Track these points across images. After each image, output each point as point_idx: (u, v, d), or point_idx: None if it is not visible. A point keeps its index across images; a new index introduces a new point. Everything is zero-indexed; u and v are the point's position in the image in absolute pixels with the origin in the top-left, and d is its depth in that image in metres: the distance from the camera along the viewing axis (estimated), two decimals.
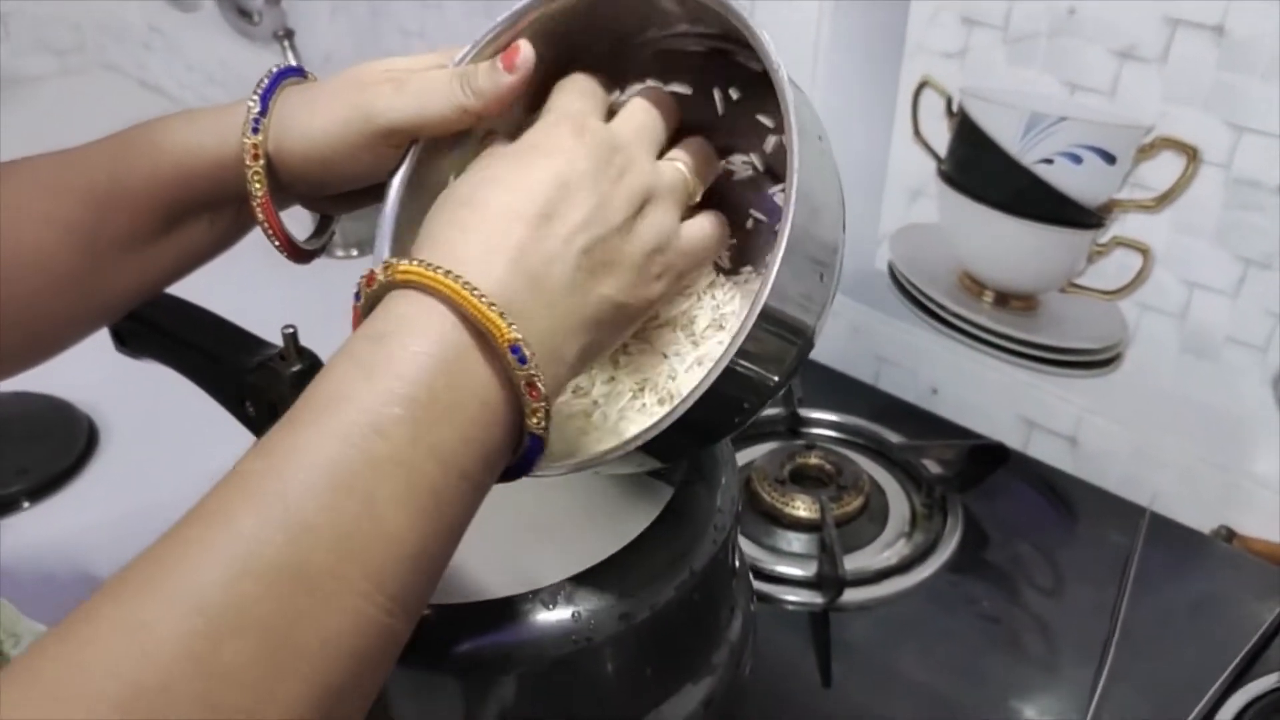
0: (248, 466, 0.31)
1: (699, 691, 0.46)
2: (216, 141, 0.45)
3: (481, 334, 0.33)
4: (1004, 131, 0.73)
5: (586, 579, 0.41)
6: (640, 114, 0.42)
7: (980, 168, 0.76)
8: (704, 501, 0.45)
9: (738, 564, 0.49)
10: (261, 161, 0.44)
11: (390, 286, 0.34)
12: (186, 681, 0.26)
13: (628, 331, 0.39)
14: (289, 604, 0.28)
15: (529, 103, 0.45)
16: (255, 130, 0.44)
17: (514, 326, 0.33)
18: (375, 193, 0.46)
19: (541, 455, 0.36)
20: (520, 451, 0.35)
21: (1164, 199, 0.68)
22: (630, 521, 0.44)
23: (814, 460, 0.73)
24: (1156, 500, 0.74)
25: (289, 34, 1.14)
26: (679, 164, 0.41)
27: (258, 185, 0.44)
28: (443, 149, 0.46)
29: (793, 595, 0.66)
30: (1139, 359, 0.73)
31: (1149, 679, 0.61)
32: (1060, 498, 0.77)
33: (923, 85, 0.77)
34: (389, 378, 0.32)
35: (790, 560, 0.68)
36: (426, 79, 0.43)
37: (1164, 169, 0.67)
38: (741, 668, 0.49)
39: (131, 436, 0.86)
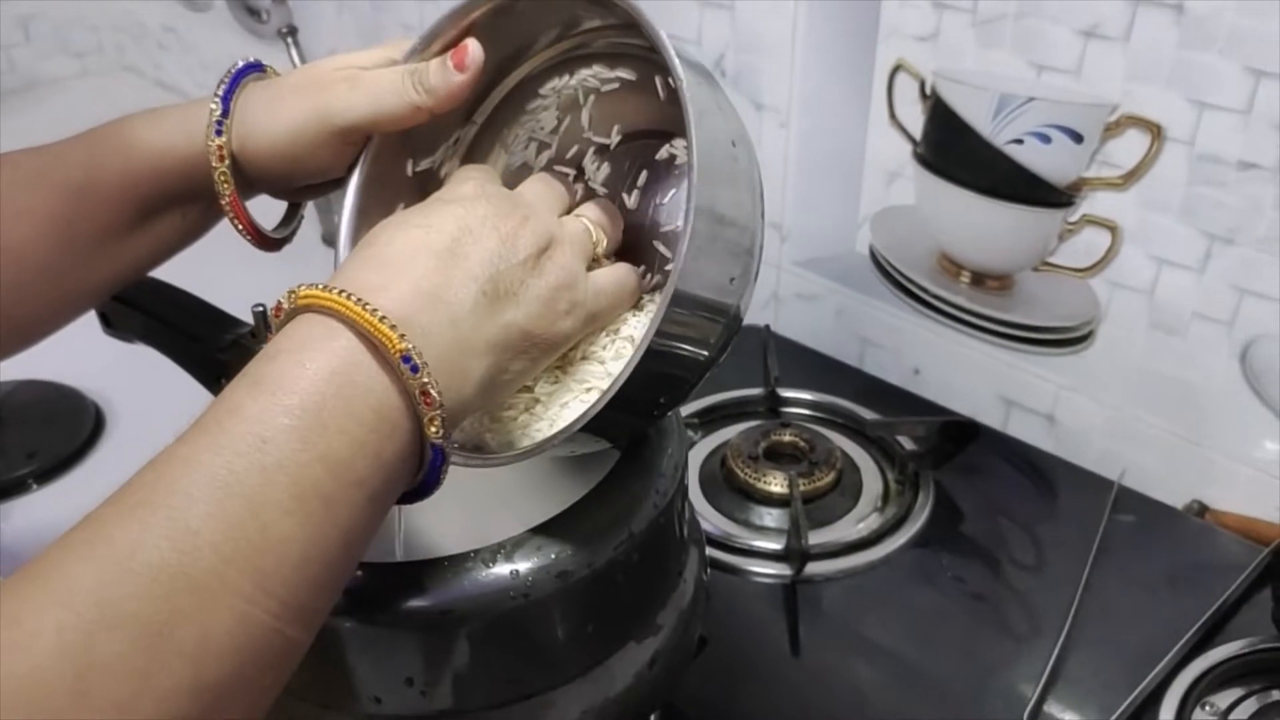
0: (139, 478, 0.32)
1: (644, 651, 0.47)
2: (185, 141, 0.47)
3: (375, 346, 0.34)
4: (975, 113, 0.74)
5: (525, 539, 0.42)
6: (538, 183, 0.45)
7: (953, 149, 0.77)
8: (645, 467, 0.47)
9: (686, 532, 0.51)
10: (227, 162, 0.47)
11: (294, 312, 0.36)
12: (58, 672, 0.27)
13: (542, 361, 0.41)
14: (168, 603, 0.29)
15: (479, 94, 0.47)
16: (219, 133, 0.47)
17: (405, 338, 0.34)
18: (339, 182, 0.49)
19: (445, 467, 0.37)
20: (424, 464, 0.37)
21: (1130, 176, 0.69)
22: (581, 487, 0.46)
23: (788, 438, 0.75)
24: (1129, 475, 0.75)
25: (293, 31, 1.16)
26: (583, 219, 0.44)
27: (225, 186, 0.47)
28: (400, 143, 0.48)
29: (763, 568, 0.68)
30: (1111, 336, 0.74)
31: (1111, 645, 0.62)
32: (1038, 474, 0.77)
33: (897, 69, 0.78)
34: (280, 392, 0.33)
35: (762, 534, 0.70)
36: (379, 78, 0.46)
37: (1130, 147, 0.68)
38: (690, 630, 0.51)
39: (137, 422, 0.89)
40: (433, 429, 0.35)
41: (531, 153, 0.51)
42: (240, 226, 0.49)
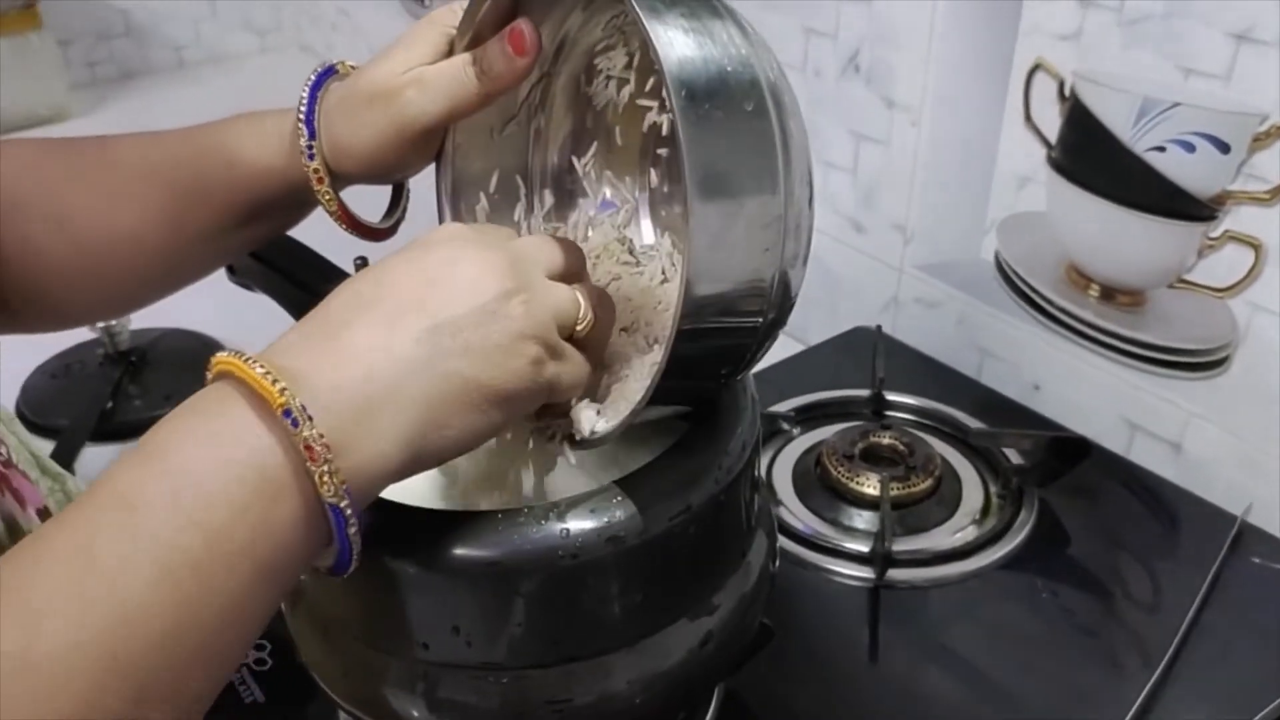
0: (9, 553, 0.30)
1: (697, 629, 0.47)
2: (284, 162, 0.50)
3: (264, 405, 0.33)
4: (1116, 117, 0.71)
5: (579, 500, 0.42)
6: (542, 241, 0.43)
7: (1090, 155, 0.73)
8: (711, 443, 0.46)
9: (754, 519, 0.50)
10: (326, 182, 0.49)
11: (211, 380, 0.35)
12: None
13: (501, 416, 0.38)
14: (8, 691, 0.27)
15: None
16: (311, 157, 0.49)
17: (286, 391, 0.32)
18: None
19: (355, 533, 0.35)
20: (333, 540, 0.34)
21: (1279, 191, 0.64)
22: (646, 457, 0.46)
23: (887, 440, 0.73)
24: (1254, 511, 0.70)
25: None
26: (576, 290, 0.41)
27: (331, 203, 0.50)
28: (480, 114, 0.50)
29: (846, 569, 0.66)
30: (1248, 362, 0.69)
31: (1211, 690, 0.58)
32: (1158, 503, 0.73)
33: (1036, 68, 0.75)
34: (157, 456, 0.32)
35: (851, 536, 0.68)
36: (445, 75, 0.47)
37: None
38: (750, 617, 0.50)
39: None
40: (324, 488, 0.33)
41: (613, 91, 0.51)
42: (354, 232, 0.52)
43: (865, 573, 0.65)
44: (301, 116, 0.49)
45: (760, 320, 0.41)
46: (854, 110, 0.88)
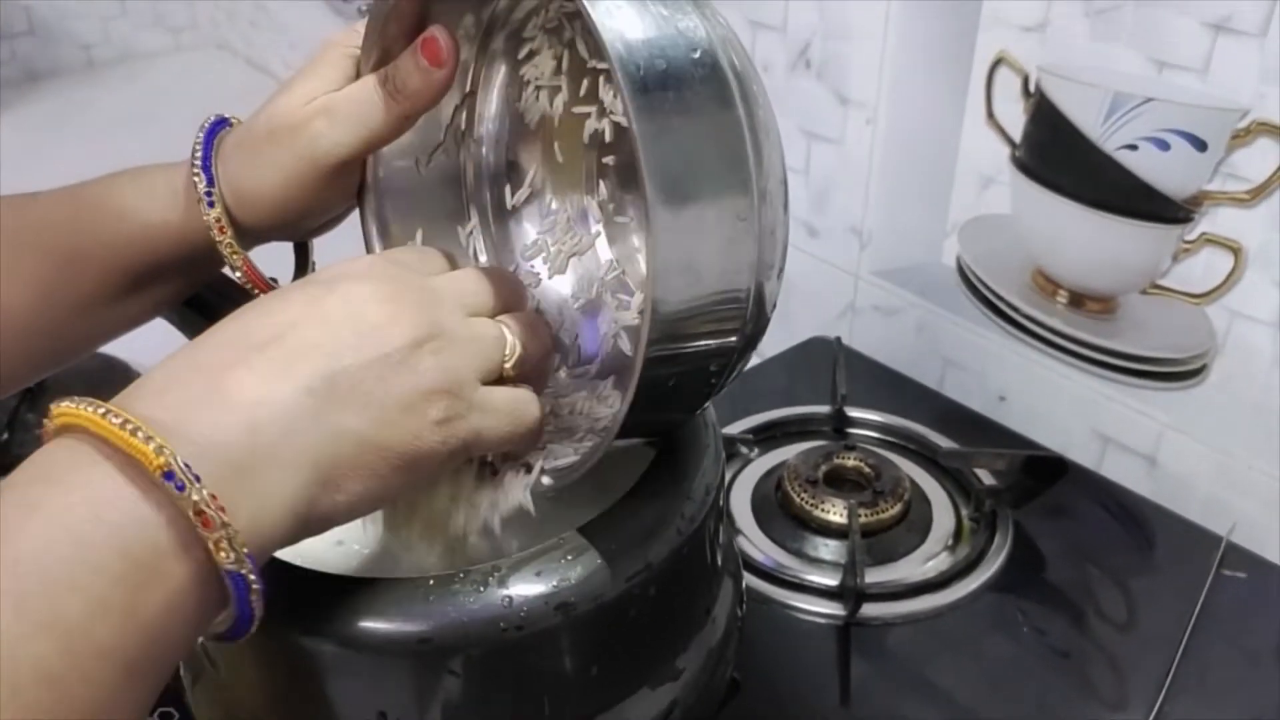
0: None
1: (660, 698, 0.41)
2: (180, 215, 0.44)
3: (134, 468, 0.28)
4: (1084, 114, 0.67)
5: (523, 562, 0.37)
6: (467, 275, 0.38)
7: (1057, 154, 0.69)
8: (671, 489, 0.41)
9: (720, 562, 0.45)
10: (229, 233, 0.44)
11: (56, 434, 0.29)
12: None
13: (403, 481, 0.34)
14: None
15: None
16: (211, 205, 0.43)
17: (164, 449, 0.28)
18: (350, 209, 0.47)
19: (258, 599, 0.30)
20: (230, 604, 0.30)
21: (1259, 191, 0.60)
22: (595, 507, 0.40)
23: (852, 462, 0.68)
24: (1240, 529, 0.66)
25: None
26: (502, 325, 0.37)
27: (235, 257, 0.44)
28: (400, 146, 0.45)
29: (814, 605, 0.61)
30: (1227, 371, 0.66)
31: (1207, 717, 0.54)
32: (1135, 522, 0.69)
33: (998, 62, 0.71)
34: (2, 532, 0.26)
35: (817, 568, 0.63)
36: (355, 99, 0.42)
37: (1260, 158, 0.60)
38: (718, 675, 0.45)
39: None
40: (221, 554, 0.29)
41: (545, 102, 0.46)
42: (258, 290, 0.46)
43: (834, 609, 0.61)
44: (197, 162, 0.43)
45: (736, 339, 0.36)
46: (805, 108, 0.83)
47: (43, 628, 0.26)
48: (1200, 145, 0.62)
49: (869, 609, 0.60)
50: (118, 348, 0.89)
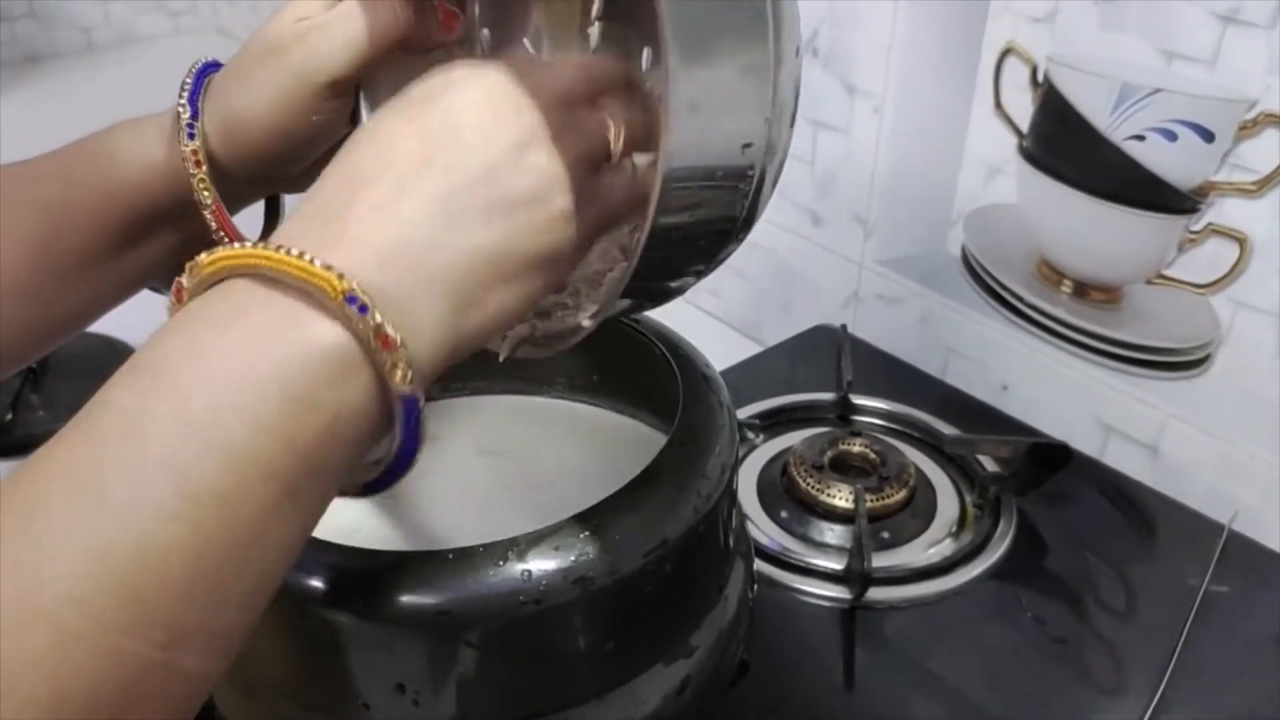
0: (11, 481, 0.27)
1: (673, 674, 0.42)
2: (168, 152, 0.44)
3: (306, 293, 0.29)
4: (1092, 104, 0.67)
5: (542, 537, 0.37)
6: (565, 65, 0.37)
7: (1065, 144, 0.70)
8: (687, 467, 0.41)
9: (732, 543, 0.45)
10: (205, 167, 0.43)
11: (199, 289, 0.30)
12: None
13: (549, 276, 0.34)
14: (11, 646, 0.24)
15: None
16: (191, 136, 0.43)
17: (345, 276, 0.29)
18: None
19: (423, 429, 0.31)
20: (397, 426, 0.31)
21: (1266, 182, 0.61)
22: (614, 483, 0.41)
23: (857, 448, 0.68)
24: (1241, 518, 0.67)
25: None
26: (603, 113, 0.37)
27: (205, 193, 0.43)
28: (396, 77, 0.42)
29: (820, 589, 0.61)
30: (1231, 361, 0.66)
31: (1209, 710, 0.54)
32: (1136, 510, 0.70)
33: (1007, 52, 0.71)
34: (163, 373, 0.28)
35: (822, 552, 0.64)
36: (346, 15, 0.41)
37: (1267, 149, 0.60)
38: (729, 654, 0.45)
39: None
40: (398, 376, 0.30)
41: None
42: (226, 238, 0.44)
43: (840, 593, 0.61)
44: (185, 94, 0.43)
45: (751, 183, 0.36)
46: (812, 96, 0.83)
47: (211, 448, 0.27)
48: (1208, 136, 0.63)
49: (873, 593, 0.60)
50: (121, 331, 0.89)
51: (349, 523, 0.46)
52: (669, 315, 0.47)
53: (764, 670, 0.55)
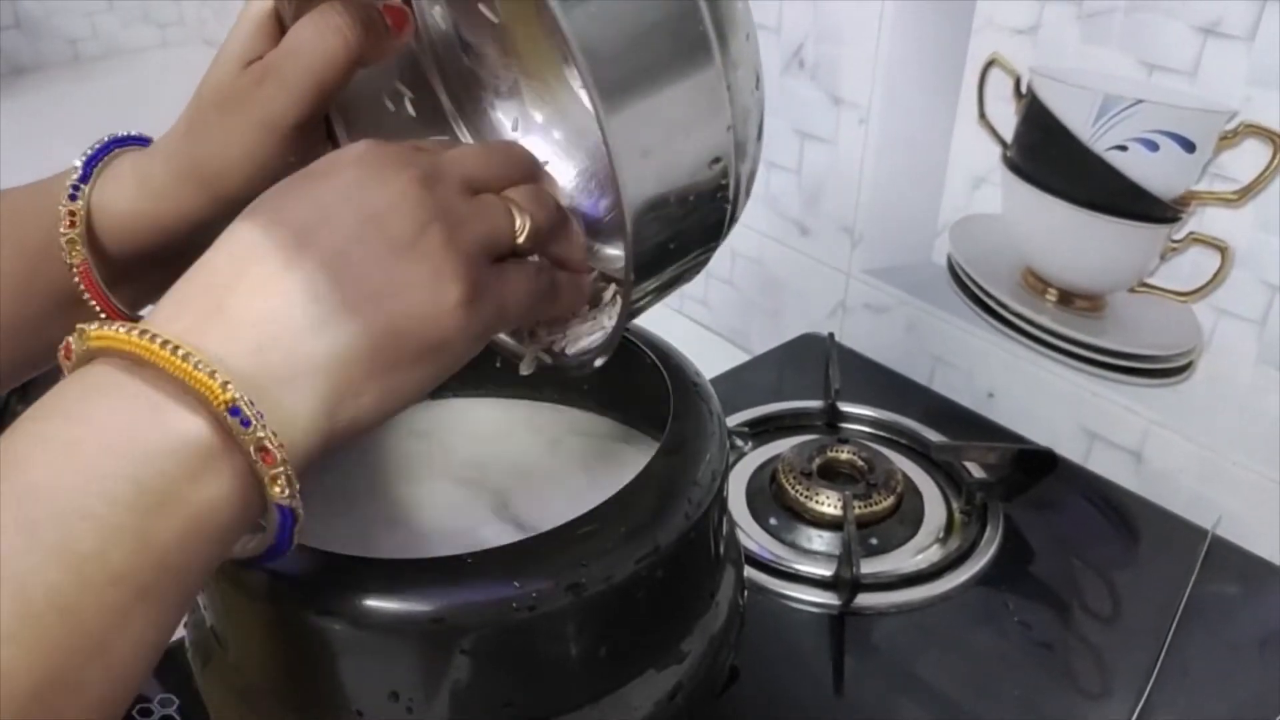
0: None
1: (665, 680, 0.42)
2: (151, 204, 0.42)
3: (174, 382, 0.28)
4: (1075, 115, 0.68)
5: (534, 544, 0.38)
6: (465, 152, 0.36)
7: (1048, 154, 0.71)
8: (679, 474, 0.41)
9: (722, 550, 0.46)
10: (79, 229, 0.42)
11: (81, 360, 0.29)
12: None
13: (437, 366, 0.33)
14: None
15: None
16: (73, 198, 0.42)
17: (229, 386, 0.28)
18: None
19: (298, 526, 0.31)
20: (270, 530, 0.30)
21: (1246, 192, 0.62)
22: (604, 491, 0.41)
23: (845, 455, 0.69)
24: (1224, 524, 0.67)
25: None
26: (507, 199, 0.35)
27: (75, 253, 0.42)
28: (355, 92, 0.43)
29: (809, 595, 0.62)
30: (1213, 369, 0.67)
31: (1194, 714, 0.55)
32: (1121, 516, 0.71)
33: (990, 64, 0.72)
34: (7, 469, 0.26)
35: (810, 559, 0.64)
36: (296, 54, 0.39)
37: (1248, 159, 0.61)
38: (720, 660, 0.46)
39: None
40: (277, 488, 0.29)
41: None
42: (97, 305, 0.43)
43: (828, 599, 0.61)
44: (85, 156, 0.42)
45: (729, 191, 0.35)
46: (798, 108, 0.84)
47: (53, 555, 0.26)
48: (1189, 146, 0.64)
49: (862, 599, 0.61)
50: None
51: (342, 531, 0.46)
52: (657, 324, 0.48)
53: (754, 676, 0.56)
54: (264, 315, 0.30)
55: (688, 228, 0.35)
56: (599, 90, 0.29)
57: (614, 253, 0.43)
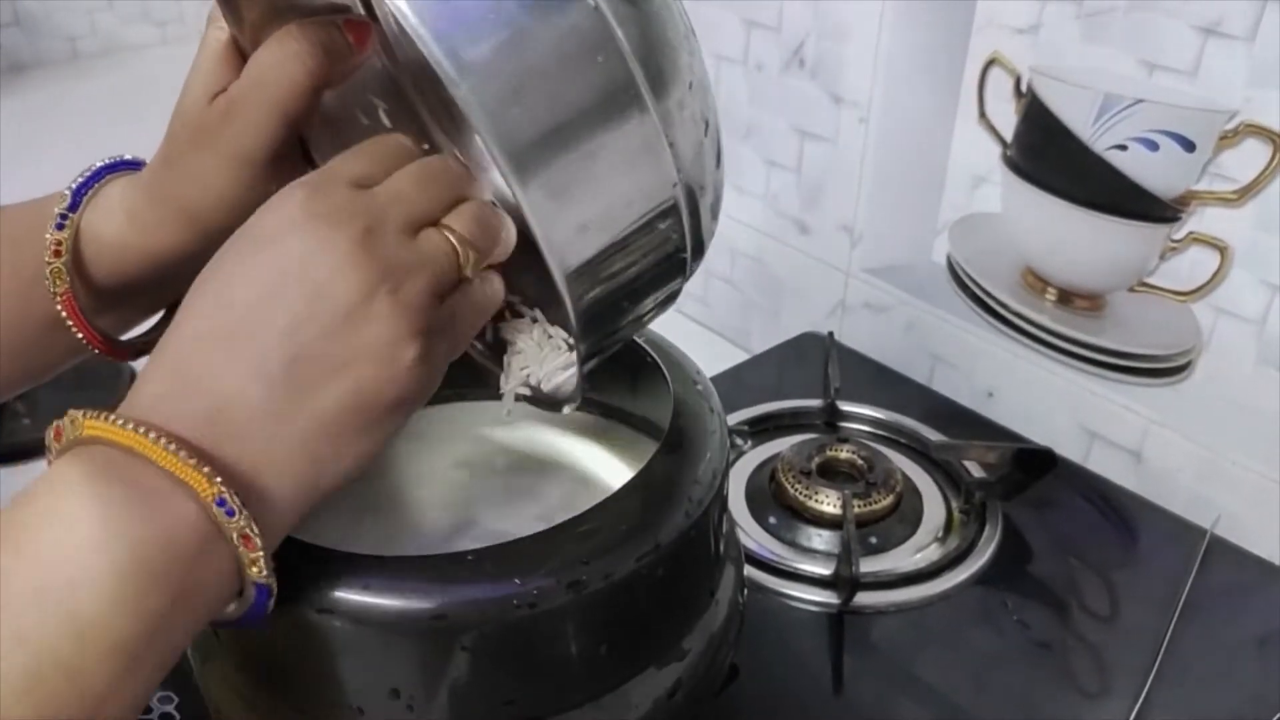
0: None
1: (665, 678, 0.42)
2: (138, 237, 0.43)
3: (171, 477, 0.30)
4: (1075, 115, 0.68)
5: (535, 542, 0.38)
6: (396, 190, 0.35)
7: (1048, 154, 0.71)
8: (679, 472, 0.41)
9: (722, 548, 0.46)
10: (64, 258, 0.42)
11: (74, 444, 0.31)
12: None
13: (405, 414, 0.34)
14: None
15: None
16: (60, 227, 0.42)
17: (215, 480, 0.30)
18: None
19: (270, 601, 0.33)
20: (248, 600, 0.32)
21: (1246, 191, 0.62)
22: (604, 490, 0.41)
23: (845, 454, 0.69)
24: (1223, 523, 0.67)
25: None
26: (446, 232, 0.35)
27: (58, 282, 0.42)
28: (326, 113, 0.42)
29: (808, 594, 0.62)
30: (1212, 368, 0.67)
31: (1193, 713, 0.55)
32: (1120, 515, 0.71)
33: (991, 63, 0.72)
34: (16, 535, 0.28)
35: (810, 558, 0.64)
36: (259, 85, 0.39)
37: (1248, 159, 0.61)
38: (720, 658, 0.46)
39: None
40: (255, 569, 0.31)
41: None
42: (81, 336, 0.43)
43: (827, 597, 0.61)
44: (74, 184, 0.42)
45: (677, 239, 0.35)
46: (798, 106, 0.84)
47: (63, 622, 0.27)
48: (1189, 146, 0.64)
49: (861, 598, 0.61)
50: None
51: (342, 529, 0.46)
52: (657, 323, 0.48)
53: (753, 674, 0.56)
54: (234, 402, 0.31)
55: (637, 276, 0.35)
56: (509, 165, 0.29)
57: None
